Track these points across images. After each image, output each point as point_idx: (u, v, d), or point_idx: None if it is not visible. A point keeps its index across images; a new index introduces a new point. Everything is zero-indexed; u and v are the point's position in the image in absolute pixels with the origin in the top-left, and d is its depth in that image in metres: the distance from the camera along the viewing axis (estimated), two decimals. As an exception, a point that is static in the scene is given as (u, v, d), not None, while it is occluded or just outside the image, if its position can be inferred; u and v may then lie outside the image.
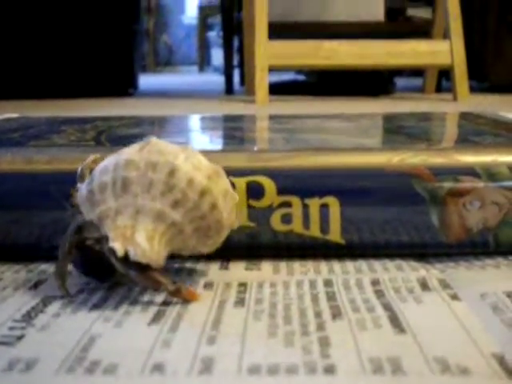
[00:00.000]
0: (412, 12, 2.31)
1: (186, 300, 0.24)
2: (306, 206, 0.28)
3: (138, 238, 0.23)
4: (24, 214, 0.28)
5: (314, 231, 0.28)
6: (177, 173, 0.23)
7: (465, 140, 0.33)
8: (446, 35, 1.56)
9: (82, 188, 0.24)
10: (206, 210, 0.24)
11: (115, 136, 0.35)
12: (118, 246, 0.22)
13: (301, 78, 2.09)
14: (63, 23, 1.73)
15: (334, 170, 0.28)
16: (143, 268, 0.23)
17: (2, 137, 0.36)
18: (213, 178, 0.24)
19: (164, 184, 0.23)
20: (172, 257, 0.29)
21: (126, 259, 0.22)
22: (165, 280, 0.23)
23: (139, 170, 0.23)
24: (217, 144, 0.34)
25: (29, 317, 0.22)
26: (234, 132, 0.38)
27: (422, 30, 1.93)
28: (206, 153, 0.29)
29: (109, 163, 0.24)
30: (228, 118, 0.46)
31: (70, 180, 0.27)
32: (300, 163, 0.28)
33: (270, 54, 1.44)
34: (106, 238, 0.23)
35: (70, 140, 0.34)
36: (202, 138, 0.36)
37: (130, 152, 0.24)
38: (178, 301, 0.24)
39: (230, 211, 0.25)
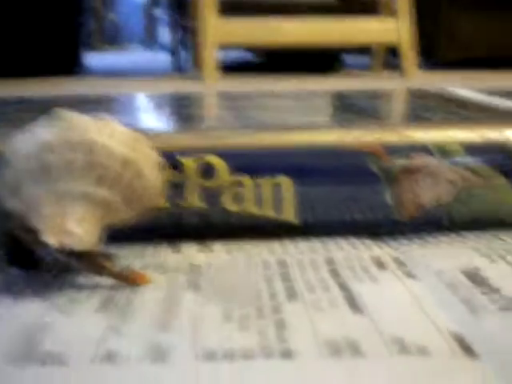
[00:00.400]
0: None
1: (134, 284, 0.23)
2: (258, 186, 0.27)
3: (69, 226, 0.22)
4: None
5: (267, 211, 0.27)
6: (95, 148, 0.22)
7: (416, 116, 0.33)
8: (393, 13, 1.57)
9: None
10: (132, 179, 0.23)
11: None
12: (51, 240, 0.21)
13: (249, 56, 2.08)
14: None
15: (287, 149, 0.28)
16: (82, 254, 0.22)
17: None
18: (133, 146, 0.23)
19: (84, 163, 0.22)
20: (120, 239, 0.28)
21: (60, 249, 0.21)
22: (108, 263, 0.22)
23: (56, 153, 0.22)
24: (165, 123, 0.33)
25: (-30, 306, 0.21)
26: (183, 110, 0.37)
27: (369, 8, 1.93)
28: (155, 133, 0.28)
29: (23, 146, 0.23)
30: (176, 97, 0.46)
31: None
32: (252, 142, 0.28)
33: (220, 32, 1.43)
34: (33, 229, 0.22)
35: (11, 120, 0.32)
36: (150, 118, 0.35)
37: (43, 132, 0.23)
38: (127, 285, 0.23)
39: (156, 174, 0.24)
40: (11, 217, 0.23)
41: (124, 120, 0.32)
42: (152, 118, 0.35)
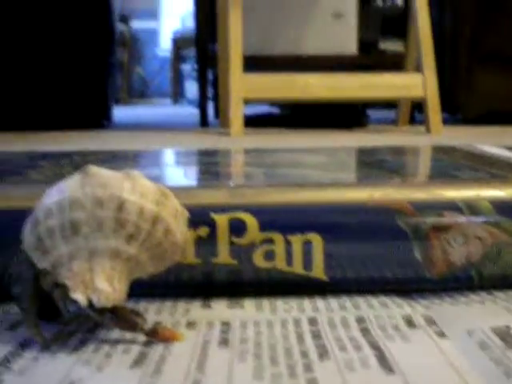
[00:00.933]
0: (384, 45, 2.34)
1: (166, 341, 0.23)
2: (288, 243, 0.27)
3: (97, 283, 0.22)
4: (1, 251, 0.28)
5: (297, 268, 0.28)
6: (125, 206, 0.23)
7: (445, 174, 0.33)
8: (418, 68, 1.58)
9: (28, 233, 0.23)
10: (161, 237, 0.23)
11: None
12: (79, 297, 0.22)
13: (275, 110, 2.10)
14: (38, 55, 1.73)
15: (317, 206, 0.28)
16: (113, 310, 0.22)
17: (-24, 172, 0.35)
18: (161, 202, 0.24)
19: (114, 220, 0.22)
20: (152, 295, 0.28)
21: (90, 305, 0.22)
22: (140, 320, 0.22)
23: (86, 209, 0.22)
24: (195, 180, 0.34)
25: (6, 361, 0.22)
26: (212, 167, 0.37)
27: (395, 63, 1.95)
28: (186, 189, 0.29)
29: (51, 203, 0.23)
30: (205, 153, 0.46)
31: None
32: (282, 199, 0.28)
33: (245, 87, 1.44)
34: (63, 286, 0.22)
35: (47, 176, 0.33)
36: (180, 174, 0.36)
37: (71, 188, 0.23)
38: (159, 342, 0.23)
39: (183, 229, 0.24)
40: (41, 273, 0.23)
41: (152, 175, 0.33)
42: (181, 174, 0.36)
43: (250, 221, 0.27)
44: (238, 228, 0.27)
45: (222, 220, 0.27)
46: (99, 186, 0.23)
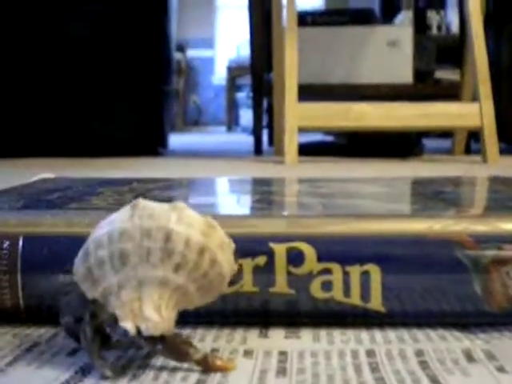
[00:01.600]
0: (440, 74, 2.33)
1: (218, 371, 0.23)
2: (346, 274, 0.27)
3: (145, 311, 0.22)
4: (66, 278, 0.28)
5: (355, 299, 0.28)
6: (172, 236, 0.23)
7: (504, 206, 0.33)
8: (474, 97, 1.57)
9: (78, 264, 0.24)
10: (207, 267, 0.24)
11: (153, 199, 0.35)
12: (128, 325, 0.22)
13: (329, 139, 2.10)
14: (98, 84, 1.77)
15: (375, 237, 0.28)
16: (164, 340, 0.22)
17: (41, 198, 0.36)
18: (208, 233, 0.24)
19: (162, 250, 0.23)
20: (210, 322, 0.28)
21: (139, 334, 0.22)
22: (191, 350, 0.23)
23: (135, 240, 0.23)
24: (253, 209, 0.34)
25: (68, 385, 0.22)
26: (270, 196, 0.38)
27: (451, 92, 1.94)
28: (245, 218, 0.29)
29: (102, 235, 0.24)
30: (261, 181, 0.46)
31: (110, 244, 0.27)
32: (341, 230, 0.28)
33: (300, 116, 1.45)
34: (112, 316, 0.23)
35: (109, 203, 0.34)
36: (238, 203, 0.36)
37: (121, 220, 0.24)
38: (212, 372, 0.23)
39: (229, 260, 0.25)
40: (91, 302, 0.24)
41: (209, 203, 0.33)
42: (238, 203, 0.36)
43: (308, 251, 0.27)
44: (295, 258, 0.28)
45: (280, 249, 0.28)
46: (147, 217, 0.23)
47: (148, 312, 0.22)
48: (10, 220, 0.30)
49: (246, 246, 0.28)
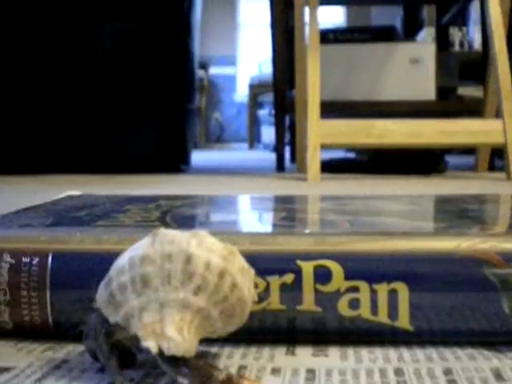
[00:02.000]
0: (463, 91, 2.32)
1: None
2: (374, 292, 0.27)
3: (168, 332, 0.22)
4: (94, 294, 0.29)
5: (382, 317, 0.28)
6: (192, 259, 0.23)
7: (532, 224, 0.33)
8: (497, 114, 1.56)
9: (101, 291, 0.24)
10: (228, 291, 0.24)
11: (179, 216, 0.36)
12: (151, 344, 0.22)
13: (351, 155, 2.10)
14: (121, 101, 1.78)
15: (403, 255, 0.28)
16: (187, 362, 0.22)
17: (68, 215, 0.36)
18: (228, 258, 0.24)
19: (182, 273, 0.23)
20: (238, 340, 0.28)
21: (161, 356, 0.22)
22: (216, 372, 0.23)
23: (155, 264, 0.23)
24: (279, 226, 0.34)
25: (99, 401, 0.22)
26: (295, 214, 0.38)
27: (474, 109, 1.93)
28: (271, 236, 0.29)
29: (123, 262, 0.24)
30: (285, 199, 0.47)
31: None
32: (368, 247, 0.28)
33: (323, 133, 1.45)
34: (135, 339, 0.23)
35: (136, 220, 0.34)
36: (264, 220, 0.36)
37: (142, 247, 0.24)
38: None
39: (249, 286, 0.25)
40: (114, 332, 0.24)
41: (235, 220, 0.34)
42: (263, 220, 0.36)
43: (336, 269, 0.28)
44: (323, 275, 0.28)
45: (307, 267, 0.28)
46: (168, 242, 0.24)
47: (170, 332, 0.22)
48: (39, 237, 0.30)
49: (274, 264, 0.28)
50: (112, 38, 1.77)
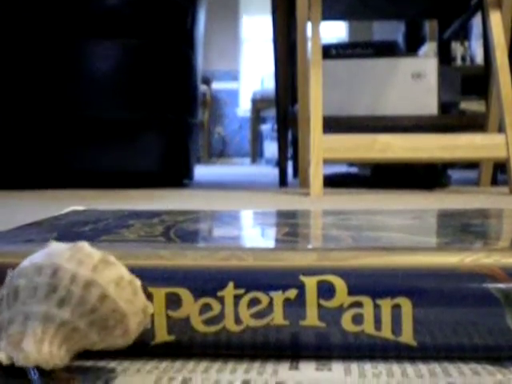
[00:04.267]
0: (465, 105, 2.33)
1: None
2: (377, 307, 0.27)
3: (23, 344, 0.23)
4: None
5: (386, 332, 0.28)
6: (58, 272, 0.24)
7: (535, 239, 0.33)
8: (500, 128, 1.56)
9: None
10: (96, 302, 0.24)
11: (183, 231, 0.36)
12: (2, 355, 0.23)
13: (353, 170, 2.10)
14: (124, 116, 1.79)
15: (406, 270, 0.28)
16: (53, 374, 0.23)
17: (73, 230, 0.36)
18: (100, 269, 0.24)
19: (47, 285, 0.24)
20: (241, 355, 0.28)
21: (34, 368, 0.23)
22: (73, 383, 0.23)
23: (27, 277, 0.24)
24: (282, 242, 0.34)
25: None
26: (298, 229, 0.38)
27: (476, 123, 1.93)
28: (274, 251, 0.29)
29: (7, 277, 0.25)
30: (288, 214, 0.47)
31: (144, 276, 0.28)
32: (372, 262, 0.28)
33: (325, 147, 1.46)
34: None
35: (140, 235, 0.34)
36: (267, 236, 0.36)
37: (29, 259, 0.25)
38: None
39: (131, 298, 0.25)
40: None
41: (239, 236, 0.34)
42: (266, 236, 0.36)
43: (339, 284, 0.28)
44: (326, 291, 0.28)
45: (310, 282, 0.28)
46: (44, 255, 0.25)
47: (26, 345, 0.23)
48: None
49: (277, 280, 0.28)
50: (116, 54, 1.77)
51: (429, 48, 2.86)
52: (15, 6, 1.72)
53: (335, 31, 6.87)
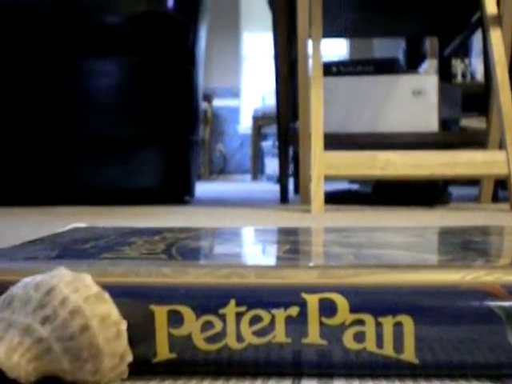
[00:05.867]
0: (466, 122, 2.33)
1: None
2: (379, 324, 0.27)
3: None
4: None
5: (388, 350, 0.28)
6: (53, 291, 0.25)
7: (537, 256, 0.33)
8: (501, 145, 1.57)
9: None
10: (76, 331, 0.24)
11: (185, 249, 0.36)
12: None
13: (354, 187, 2.10)
14: (125, 133, 1.79)
15: (408, 288, 0.28)
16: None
17: (74, 248, 0.36)
18: (91, 301, 0.25)
19: (39, 301, 0.24)
20: (243, 373, 0.28)
21: None
22: None
23: (25, 289, 0.25)
24: (283, 259, 0.34)
25: None
26: (299, 246, 0.38)
27: (477, 140, 1.94)
28: (276, 269, 0.29)
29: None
30: (289, 231, 0.47)
31: (145, 293, 0.28)
32: (373, 280, 0.28)
33: (326, 164, 1.46)
34: None
35: (142, 252, 0.34)
36: (268, 253, 0.36)
37: (33, 276, 0.26)
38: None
39: (113, 338, 0.25)
40: None
41: (240, 254, 0.34)
42: (267, 253, 0.36)
43: (341, 301, 0.28)
44: (328, 308, 0.28)
45: (312, 300, 0.28)
46: (48, 275, 0.25)
47: None
48: (44, 270, 0.30)
49: (279, 297, 0.28)
50: (117, 71, 1.78)
51: (429, 65, 2.87)
52: (15, 24, 1.73)
53: (336, 49, 6.90)
